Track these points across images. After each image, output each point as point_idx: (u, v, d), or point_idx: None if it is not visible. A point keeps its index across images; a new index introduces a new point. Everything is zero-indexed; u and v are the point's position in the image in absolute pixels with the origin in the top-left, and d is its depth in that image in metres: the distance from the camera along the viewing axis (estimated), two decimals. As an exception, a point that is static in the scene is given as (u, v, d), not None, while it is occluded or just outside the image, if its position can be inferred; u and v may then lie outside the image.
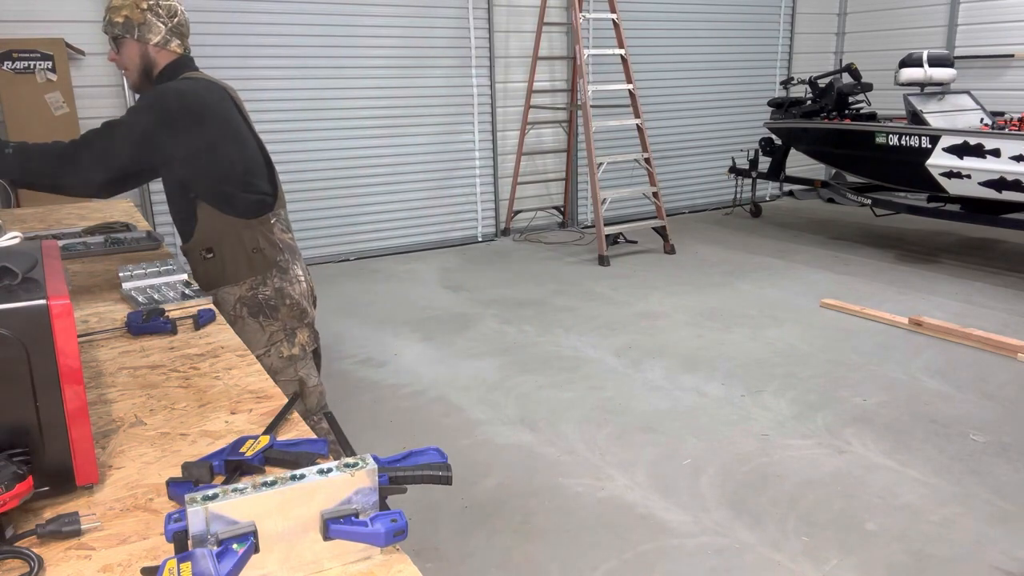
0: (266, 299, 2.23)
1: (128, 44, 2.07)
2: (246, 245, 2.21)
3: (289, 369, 2.23)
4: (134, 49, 2.08)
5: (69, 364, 1.01)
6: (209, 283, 2.20)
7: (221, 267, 2.19)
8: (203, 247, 2.18)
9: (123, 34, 2.05)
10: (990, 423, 3.47)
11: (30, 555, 0.92)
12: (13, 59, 4.98)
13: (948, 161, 5.70)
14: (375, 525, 0.91)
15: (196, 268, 2.23)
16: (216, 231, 2.16)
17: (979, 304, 5.14)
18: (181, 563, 0.83)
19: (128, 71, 2.09)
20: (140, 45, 2.09)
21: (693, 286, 5.75)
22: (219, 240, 2.17)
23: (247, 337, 2.13)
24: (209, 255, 2.18)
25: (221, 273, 2.19)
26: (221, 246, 2.18)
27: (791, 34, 9.11)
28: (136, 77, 2.10)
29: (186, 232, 2.22)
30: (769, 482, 3.02)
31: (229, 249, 2.19)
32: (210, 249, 2.17)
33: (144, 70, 2.11)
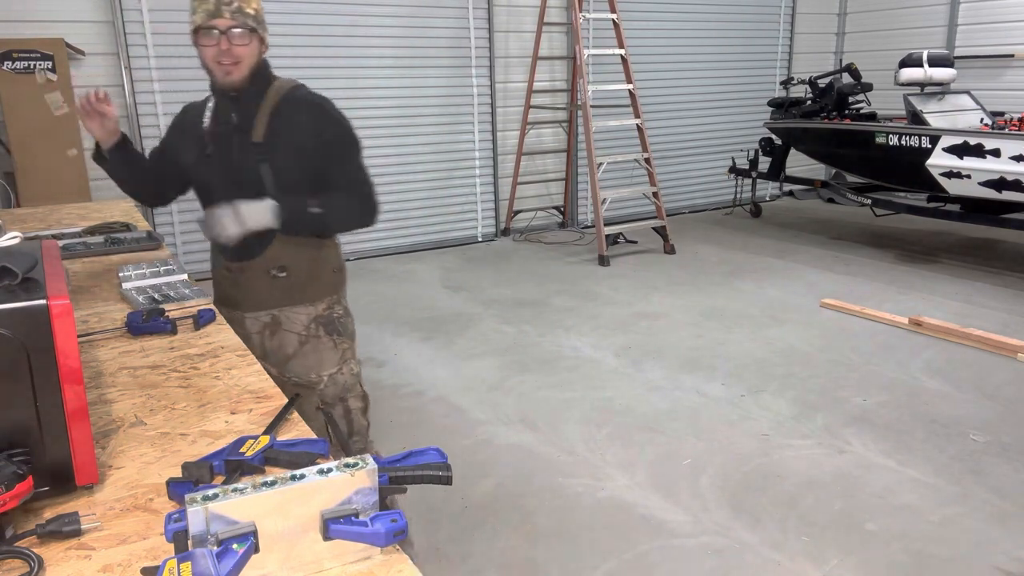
0: (339, 317, 2.16)
1: (255, 38, 1.94)
2: (330, 264, 2.15)
3: (357, 385, 2.18)
4: (256, 44, 1.96)
5: (69, 364, 1.01)
6: (272, 302, 2.08)
7: (295, 286, 2.07)
8: (275, 265, 2.04)
9: (256, 27, 1.94)
10: (990, 423, 3.47)
11: (30, 555, 0.92)
12: (13, 59, 4.98)
13: (948, 161, 5.70)
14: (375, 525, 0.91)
15: (254, 285, 2.06)
16: (296, 249, 2.05)
17: (979, 304, 5.14)
18: (181, 563, 0.83)
19: (240, 64, 1.92)
20: (261, 44, 1.99)
21: (693, 286, 5.75)
22: (296, 258, 2.06)
23: (320, 356, 2.10)
24: (281, 274, 2.05)
25: (293, 292, 2.07)
26: (298, 265, 2.06)
27: (791, 34, 9.11)
28: (246, 72, 1.94)
29: (252, 250, 2.03)
30: (769, 482, 3.02)
31: (308, 268, 2.09)
32: (283, 268, 2.05)
33: (256, 66, 1.98)
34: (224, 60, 1.89)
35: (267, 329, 2.10)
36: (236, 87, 1.96)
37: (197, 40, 1.91)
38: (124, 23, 5.54)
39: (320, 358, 2.11)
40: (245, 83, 1.95)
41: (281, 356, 2.10)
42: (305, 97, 2.05)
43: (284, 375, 2.11)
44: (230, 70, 1.91)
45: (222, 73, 1.91)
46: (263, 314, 2.08)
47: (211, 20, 1.87)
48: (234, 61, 1.90)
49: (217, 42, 1.88)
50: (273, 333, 2.10)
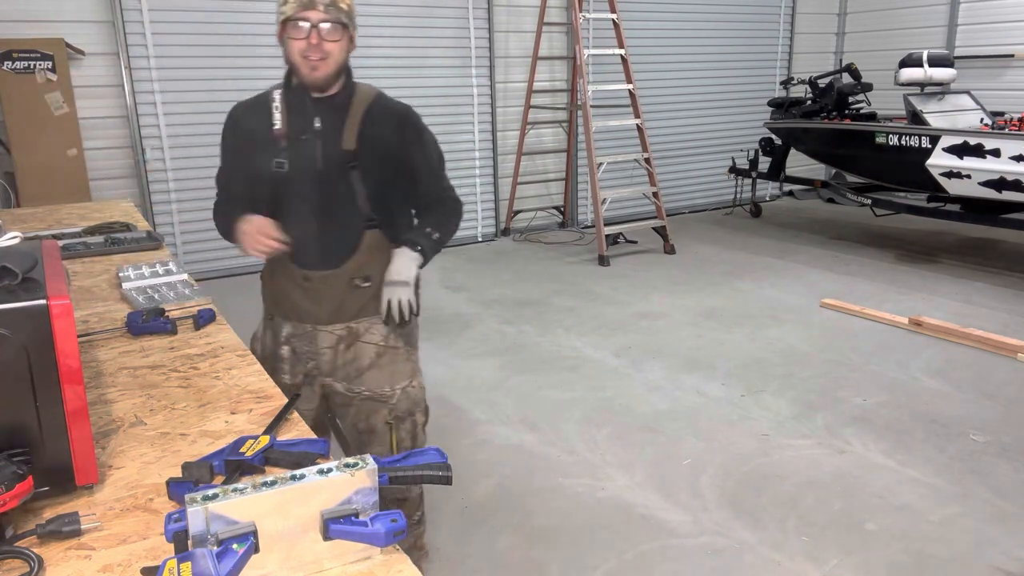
0: (414, 327, 2.10)
1: (345, 35, 1.83)
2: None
3: (423, 399, 2.12)
4: (346, 41, 1.84)
5: (69, 364, 1.01)
6: (351, 313, 1.98)
7: (376, 295, 1.97)
8: (360, 274, 1.94)
9: (347, 23, 1.83)
10: (990, 423, 3.47)
11: (30, 555, 0.92)
12: (13, 59, 4.98)
13: (948, 161, 5.70)
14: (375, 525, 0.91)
15: (334, 296, 1.95)
16: (379, 256, 1.96)
17: (979, 304, 5.14)
18: (181, 563, 0.83)
19: (328, 61, 1.80)
20: (350, 42, 1.87)
21: (693, 286, 5.75)
22: (380, 267, 1.96)
23: (396, 368, 2.03)
24: (365, 283, 1.95)
25: (375, 302, 1.98)
26: (381, 273, 1.96)
27: (791, 34, 9.11)
28: (332, 69, 1.83)
29: (338, 256, 1.94)
30: (769, 482, 3.02)
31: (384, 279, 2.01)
32: (368, 277, 1.95)
33: (343, 65, 1.87)
34: (312, 55, 1.78)
35: (342, 342, 1.98)
36: (320, 85, 1.85)
37: (284, 32, 1.81)
38: (124, 23, 5.54)
39: (396, 370, 2.03)
40: (330, 81, 1.85)
41: (354, 370, 2.00)
42: (394, 105, 1.99)
43: (353, 390, 2.01)
44: (317, 65, 1.80)
45: (308, 68, 1.80)
46: (339, 327, 1.97)
47: (303, 12, 1.76)
48: (322, 56, 1.79)
49: (307, 36, 1.77)
50: (348, 346, 1.99)
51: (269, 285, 2.04)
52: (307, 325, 1.97)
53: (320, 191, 1.89)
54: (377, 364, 2.01)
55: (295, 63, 1.82)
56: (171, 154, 5.87)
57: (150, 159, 5.82)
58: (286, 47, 1.82)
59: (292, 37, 1.79)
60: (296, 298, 1.96)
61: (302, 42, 1.78)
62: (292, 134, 1.88)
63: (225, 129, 2.05)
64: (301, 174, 1.88)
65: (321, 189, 1.89)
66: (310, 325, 1.97)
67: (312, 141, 1.88)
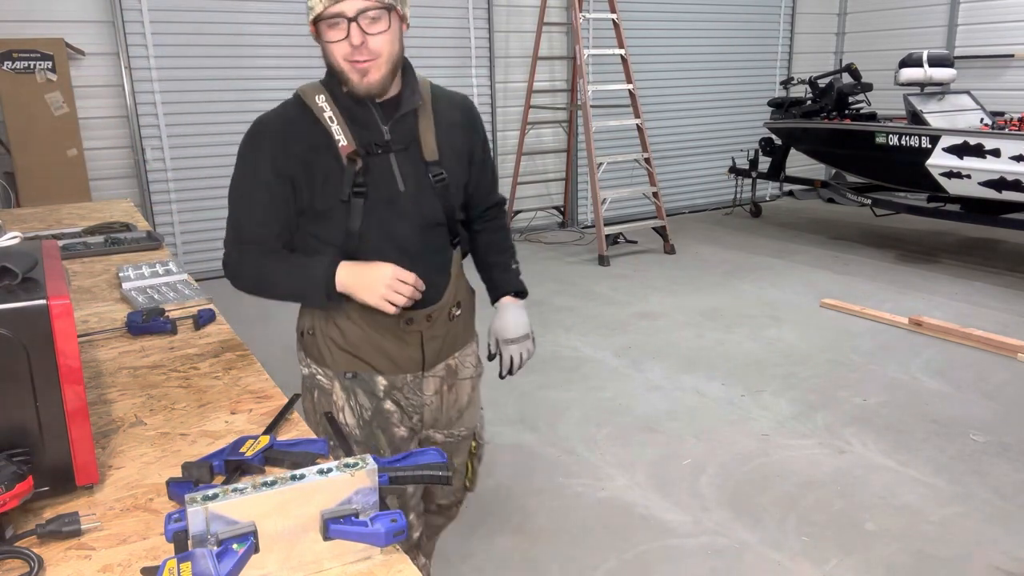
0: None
1: (394, 17, 1.46)
2: (468, 284, 1.80)
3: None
4: (397, 25, 1.48)
5: (69, 364, 1.01)
6: (449, 348, 1.73)
7: (466, 321, 1.78)
8: (455, 301, 1.71)
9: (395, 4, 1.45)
10: (990, 423, 3.47)
11: (30, 555, 0.92)
12: (13, 59, 4.98)
13: (948, 161, 5.70)
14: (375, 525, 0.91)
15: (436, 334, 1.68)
16: (462, 279, 1.74)
17: (979, 304, 5.14)
18: (181, 563, 0.83)
19: (379, 60, 1.44)
20: (402, 23, 1.52)
21: (693, 286, 5.75)
22: (464, 287, 1.75)
23: (478, 395, 1.85)
24: (458, 311, 1.72)
25: (465, 329, 1.78)
26: (466, 294, 1.77)
27: (791, 34, 9.11)
28: (386, 68, 1.46)
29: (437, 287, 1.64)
30: (769, 482, 3.01)
31: (469, 295, 1.79)
32: (459, 303, 1.72)
33: (401, 55, 1.51)
34: (358, 58, 1.43)
35: (444, 384, 1.74)
36: (377, 91, 1.48)
37: (320, 34, 1.46)
38: (124, 23, 5.54)
39: (479, 398, 1.85)
40: (387, 83, 1.48)
41: (455, 412, 1.78)
42: (455, 96, 1.71)
43: (453, 434, 1.81)
44: (367, 68, 1.44)
45: (358, 75, 1.45)
46: (440, 367, 1.72)
47: (335, 6, 1.39)
48: (371, 56, 1.43)
49: (347, 34, 1.41)
50: (451, 387, 1.75)
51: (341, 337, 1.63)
52: (408, 375, 1.67)
53: (408, 215, 1.56)
54: (472, 399, 1.82)
55: (340, 70, 1.47)
56: (171, 154, 5.88)
57: (150, 159, 5.82)
58: (324, 49, 1.48)
59: (329, 40, 1.44)
60: (394, 347, 1.63)
61: (342, 44, 1.43)
62: (363, 149, 1.52)
63: (257, 156, 1.53)
64: (382, 199, 1.53)
65: (409, 213, 1.56)
66: (413, 375, 1.68)
67: (386, 157, 1.54)
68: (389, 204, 1.54)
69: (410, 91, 1.57)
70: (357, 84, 1.47)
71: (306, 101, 1.55)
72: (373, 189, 1.52)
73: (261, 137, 1.53)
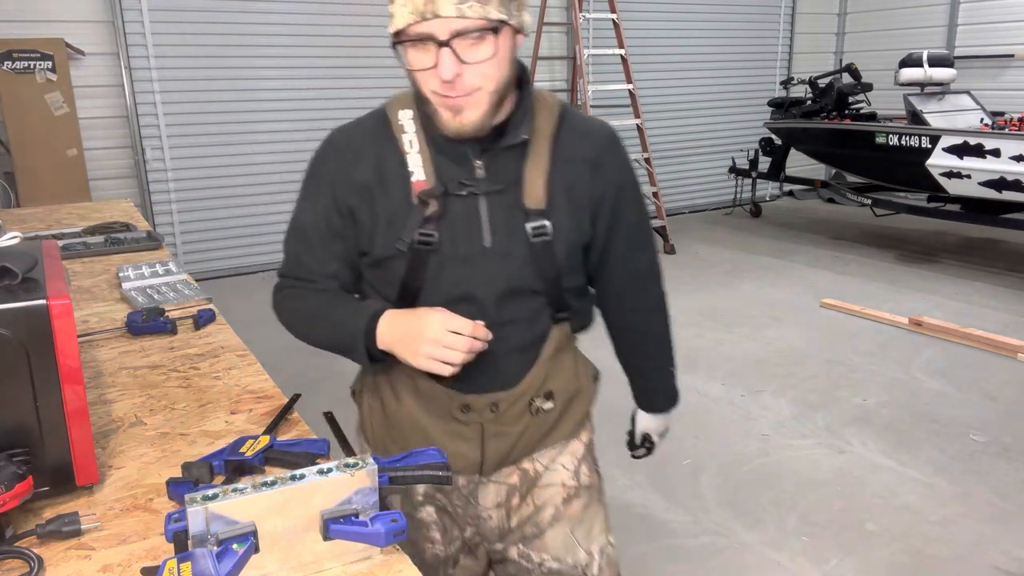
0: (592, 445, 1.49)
1: (504, 35, 1.08)
2: (589, 369, 1.45)
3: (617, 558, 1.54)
4: (507, 44, 1.09)
5: (69, 364, 1.01)
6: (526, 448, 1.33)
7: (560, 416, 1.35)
8: (541, 392, 1.30)
9: (504, 16, 1.05)
10: (990, 423, 3.46)
11: (30, 555, 0.92)
12: (13, 59, 4.98)
13: (948, 161, 5.70)
14: (375, 525, 0.91)
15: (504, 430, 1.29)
16: (566, 363, 1.35)
17: (979, 304, 5.14)
18: (181, 563, 0.83)
19: (478, 95, 1.08)
20: (515, 36, 1.12)
21: (693, 286, 5.75)
22: (562, 375, 1.33)
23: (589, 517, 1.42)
24: (547, 404, 1.31)
25: (557, 426, 1.36)
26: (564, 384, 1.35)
27: (791, 34, 9.11)
28: (486, 106, 1.10)
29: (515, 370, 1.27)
30: (769, 482, 3.01)
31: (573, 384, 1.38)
32: (550, 394, 1.31)
33: (508, 84, 1.13)
34: (450, 93, 1.07)
35: (514, 494, 1.35)
36: (474, 131, 1.12)
37: (403, 52, 1.09)
38: (124, 23, 5.54)
39: (590, 521, 1.41)
40: (487, 119, 1.11)
41: (532, 528, 1.36)
42: (592, 127, 1.30)
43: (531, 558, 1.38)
44: (461, 105, 1.08)
45: (449, 112, 1.10)
46: (510, 470, 1.34)
47: (423, 24, 1.03)
48: (467, 92, 1.07)
49: (435, 61, 1.05)
50: (524, 497, 1.36)
51: (381, 411, 1.34)
52: (464, 477, 1.32)
53: (490, 278, 1.20)
54: (565, 517, 1.37)
55: (427, 99, 1.12)
56: (171, 154, 5.88)
57: (150, 159, 5.83)
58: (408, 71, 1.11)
59: (414, 67, 1.09)
60: (444, 437, 1.27)
61: (430, 74, 1.07)
62: (441, 192, 1.16)
63: (318, 181, 1.25)
64: (458, 252, 1.18)
65: (491, 275, 1.20)
66: (469, 477, 1.33)
67: (475, 200, 1.17)
68: (466, 262, 1.18)
69: (520, 116, 1.17)
70: (447, 123, 1.11)
71: (389, 115, 1.21)
72: (448, 241, 1.17)
73: (326, 157, 1.24)
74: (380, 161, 1.20)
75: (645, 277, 1.40)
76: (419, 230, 1.16)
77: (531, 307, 1.25)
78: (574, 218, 1.22)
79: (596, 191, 1.24)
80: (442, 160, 1.18)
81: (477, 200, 1.18)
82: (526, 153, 1.19)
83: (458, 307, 1.18)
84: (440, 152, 1.18)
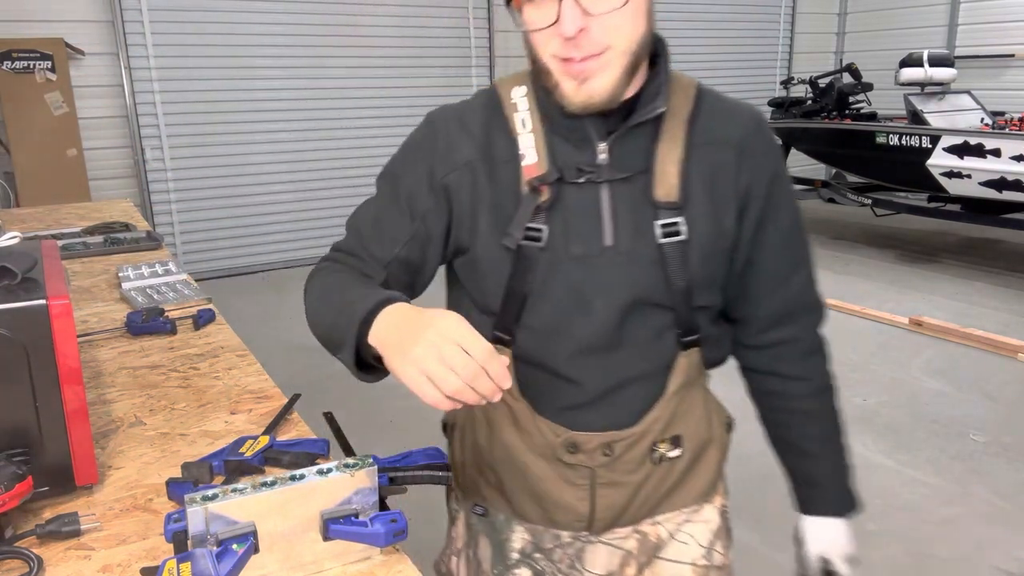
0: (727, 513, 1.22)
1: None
2: (721, 413, 1.20)
3: None
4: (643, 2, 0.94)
5: (69, 364, 1.01)
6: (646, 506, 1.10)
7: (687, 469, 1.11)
8: (665, 435, 1.06)
9: None
10: (990, 423, 3.46)
11: (30, 555, 0.92)
12: (13, 59, 4.98)
13: (948, 161, 5.70)
14: (375, 525, 0.91)
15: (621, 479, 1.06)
16: (695, 400, 1.10)
17: (979, 304, 5.14)
18: (180, 563, 0.83)
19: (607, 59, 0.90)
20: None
21: (693, 286, 5.75)
22: (691, 416, 1.10)
23: None
24: (673, 452, 1.07)
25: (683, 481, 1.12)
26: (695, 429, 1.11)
27: (791, 34, 9.11)
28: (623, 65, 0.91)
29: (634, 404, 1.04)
30: (769, 482, 3.01)
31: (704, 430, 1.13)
32: (677, 439, 1.07)
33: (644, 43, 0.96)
34: (573, 54, 0.89)
35: (630, 563, 1.12)
36: (604, 103, 0.92)
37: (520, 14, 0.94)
38: (124, 23, 5.54)
39: None
40: (619, 88, 0.92)
41: None
42: (735, 106, 1.05)
43: None
44: (587, 71, 0.90)
45: (574, 83, 0.91)
46: (626, 532, 1.11)
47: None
48: (596, 51, 0.89)
49: (556, 16, 0.87)
50: (641, 570, 1.13)
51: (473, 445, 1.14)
52: (565, 534, 1.10)
53: (610, 286, 0.98)
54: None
55: (546, 70, 0.94)
56: (171, 154, 5.88)
57: (150, 159, 5.83)
58: (525, 38, 0.96)
59: (530, 26, 0.92)
60: (545, 483, 1.06)
61: (549, 33, 0.89)
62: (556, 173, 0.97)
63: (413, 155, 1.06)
64: (572, 250, 0.98)
65: (612, 282, 0.98)
66: (571, 534, 1.10)
67: (594, 189, 0.97)
68: (581, 264, 0.97)
69: (654, 91, 0.97)
70: (571, 96, 0.92)
71: (500, 93, 1.05)
72: (561, 236, 0.97)
73: (427, 131, 1.06)
74: (488, 141, 1.01)
75: (802, 309, 1.09)
76: (526, 224, 0.96)
77: (656, 325, 1.01)
78: (714, 215, 0.99)
79: (742, 182, 1.01)
80: (558, 142, 0.99)
81: (597, 189, 0.97)
82: (658, 135, 0.98)
83: (571, 322, 0.98)
84: (556, 133, 0.99)
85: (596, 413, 1.02)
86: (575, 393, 1.01)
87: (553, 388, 1.02)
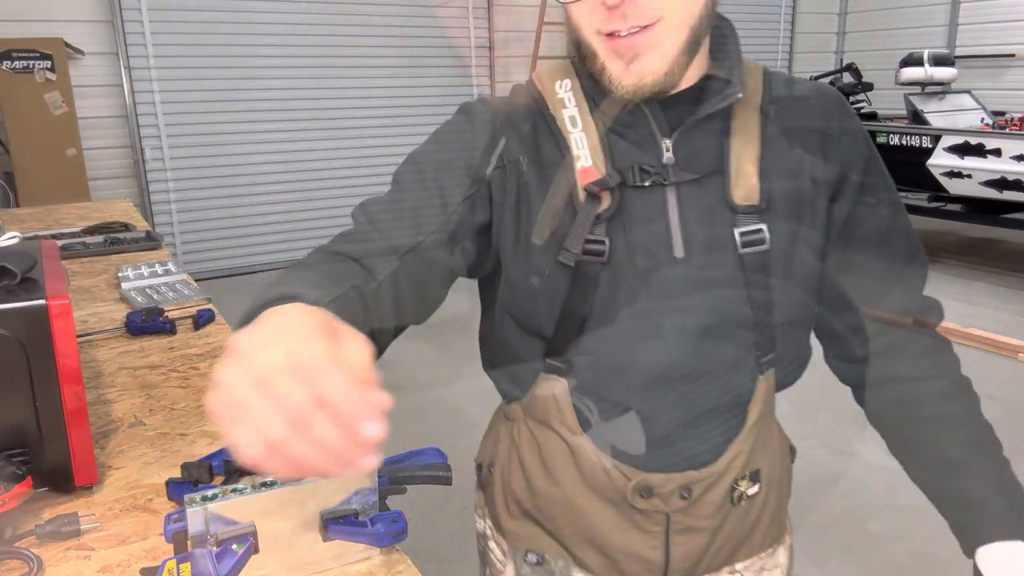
0: None
1: None
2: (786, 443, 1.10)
3: None
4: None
5: (68, 364, 1.00)
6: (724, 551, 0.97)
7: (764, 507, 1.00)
8: (745, 472, 0.94)
9: None
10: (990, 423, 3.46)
11: (30, 555, 0.92)
12: (12, 59, 4.98)
13: (949, 161, 5.70)
14: (375, 526, 0.91)
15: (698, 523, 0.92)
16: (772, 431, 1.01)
17: (979, 304, 5.14)
18: (180, 564, 0.82)
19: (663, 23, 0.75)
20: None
21: (693, 286, 5.75)
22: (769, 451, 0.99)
23: None
24: (752, 488, 0.96)
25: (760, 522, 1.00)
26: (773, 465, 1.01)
27: (791, 34, 9.11)
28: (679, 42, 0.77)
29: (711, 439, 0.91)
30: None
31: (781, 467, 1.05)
32: (756, 475, 0.96)
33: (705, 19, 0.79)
34: (618, 28, 0.75)
35: None
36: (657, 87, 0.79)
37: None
38: (124, 23, 5.54)
39: None
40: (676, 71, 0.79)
41: None
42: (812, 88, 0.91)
43: None
44: (636, 48, 0.76)
45: (620, 64, 0.78)
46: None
47: None
48: (646, 22, 0.75)
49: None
50: None
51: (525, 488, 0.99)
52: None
53: (683, 306, 0.85)
54: None
55: (591, 52, 0.80)
56: (170, 154, 5.88)
57: (149, 159, 5.83)
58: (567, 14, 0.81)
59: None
60: (613, 530, 0.93)
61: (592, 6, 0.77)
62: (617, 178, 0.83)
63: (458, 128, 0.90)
64: (637, 265, 0.84)
65: (684, 298, 0.84)
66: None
67: (660, 193, 0.84)
68: (648, 281, 0.84)
69: (725, 75, 0.84)
70: (619, 79, 0.79)
71: (541, 88, 0.89)
72: (623, 249, 0.83)
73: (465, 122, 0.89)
74: (535, 141, 0.86)
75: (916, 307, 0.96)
76: (586, 236, 0.82)
77: (735, 348, 0.87)
78: (799, 217, 0.86)
79: (831, 173, 0.87)
80: (615, 140, 0.85)
81: (664, 193, 0.84)
82: (729, 128, 0.85)
83: (637, 348, 0.85)
84: (612, 130, 0.85)
85: (670, 451, 0.89)
86: (649, 430, 0.87)
87: (626, 427, 0.89)
